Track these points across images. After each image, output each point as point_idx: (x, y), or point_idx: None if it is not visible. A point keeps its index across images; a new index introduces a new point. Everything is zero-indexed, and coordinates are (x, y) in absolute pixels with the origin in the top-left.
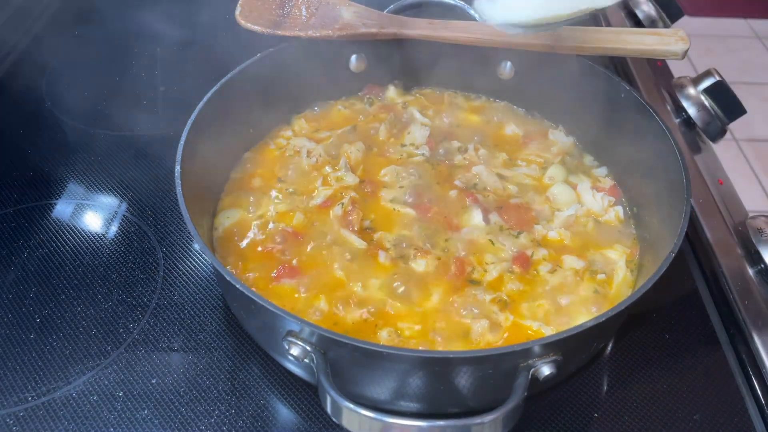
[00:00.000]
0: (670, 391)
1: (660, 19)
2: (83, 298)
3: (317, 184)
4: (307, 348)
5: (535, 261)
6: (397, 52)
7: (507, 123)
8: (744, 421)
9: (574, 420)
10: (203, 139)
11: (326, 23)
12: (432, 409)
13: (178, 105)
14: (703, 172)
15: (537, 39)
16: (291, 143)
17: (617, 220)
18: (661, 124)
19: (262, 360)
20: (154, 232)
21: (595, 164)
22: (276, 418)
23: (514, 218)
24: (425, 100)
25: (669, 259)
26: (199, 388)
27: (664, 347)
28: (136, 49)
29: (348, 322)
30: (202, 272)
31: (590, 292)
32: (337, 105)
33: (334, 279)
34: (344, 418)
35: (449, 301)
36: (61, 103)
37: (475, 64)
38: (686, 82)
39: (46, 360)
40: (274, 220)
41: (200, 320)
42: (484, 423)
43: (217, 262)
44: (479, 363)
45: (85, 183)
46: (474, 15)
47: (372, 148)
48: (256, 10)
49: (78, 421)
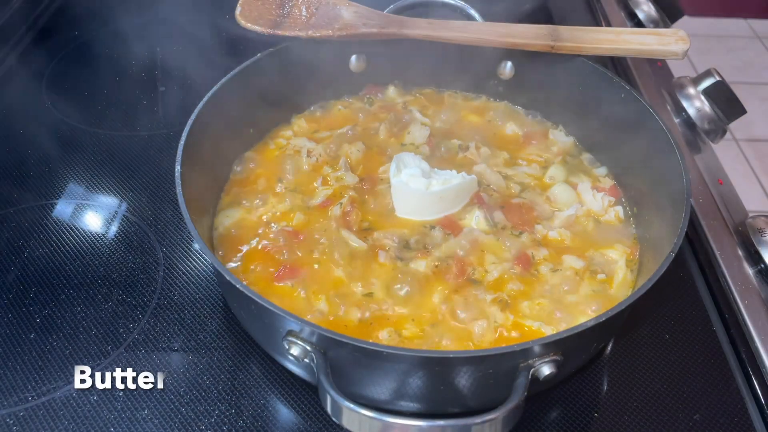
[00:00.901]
0: (670, 391)
1: (660, 19)
2: (83, 298)
3: (317, 184)
4: (307, 348)
5: (535, 261)
6: (397, 52)
7: (507, 123)
8: (744, 421)
9: (574, 420)
10: (203, 139)
11: (326, 23)
12: (432, 408)
13: (178, 105)
14: (703, 172)
15: (537, 39)
16: (291, 143)
17: (617, 220)
18: (661, 124)
19: (262, 360)
20: (154, 232)
21: (595, 164)
22: (276, 418)
23: (516, 218)
24: (425, 100)
25: (669, 259)
26: (199, 388)
27: (664, 347)
28: (136, 49)
29: (348, 322)
30: (202, 272)
31: (590, 292)
32: (337, 105)
33: (334, 279)
34: (344, 418)
35: (449, 301)
36: (61, 103)
37: (475, 64)
38: (686, 82)
39: (46, 360)
40: (274, 219)
41: (200, 320)
42: (484, 423)
43: (217, 262)
44: (479, 363)
45: (85, 183)
46: (474, 15)
47: (372, 148)
48: (256, 10)
49: (78, 421)
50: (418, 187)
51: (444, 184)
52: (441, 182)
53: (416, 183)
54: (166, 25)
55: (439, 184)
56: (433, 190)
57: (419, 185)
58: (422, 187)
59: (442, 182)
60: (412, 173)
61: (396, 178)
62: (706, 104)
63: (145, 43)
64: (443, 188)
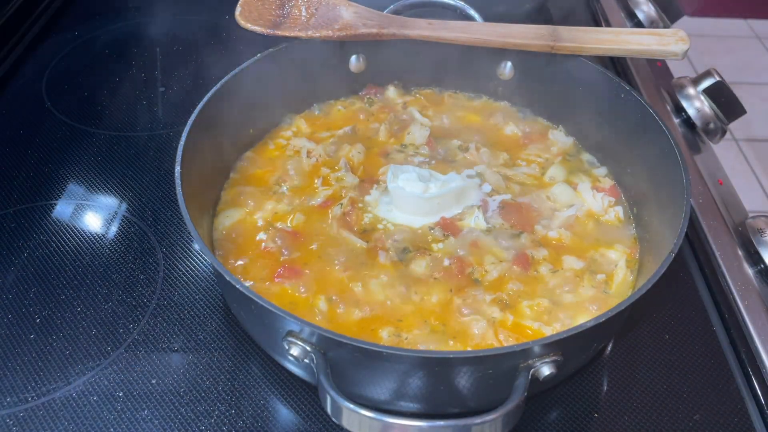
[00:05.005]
0: (670, 391)
1: (660, 19)
2: (83, 299)
3: (317, 184)
4: (307, 348)
5: (535, 261)
6: (397, 52)
7: (507, 123)
8: (744, 421)
9: (574, 420)
10: (203, 139)
11: (326, 23)
12: (432, 409)
13: (178, 105)
14: (703, 172)
15: (537, 39)
16: (291, 143)
17: (617, 220)
18: (661, 124)
19: (262, 360)
20: (154, 232)
21: (595, 164)
22: (276, 418)
23: (515, 218)
24: (425, 100)
25: (669, 259)
26: (199, 388)
27: (664, 347)
28: (136, 49)
29: (348, 322)
30: (202, 272)
31: (590, 292)
32: (337, 105)
33: (334, 279)
34: (344, 418)
35: (449, 301)
36: (61, 103)
37: (475, 64)
38: (686, 82)
39: (46, 360)
40: (274, 220)
41: (200, 320)
42: (484, 423)
43: (217, 262)
44: (479, 363)
45: (85, 183)
46: (474, 15)
47: (372, 149)
48: (256, 10)
49: (78, 422)
50: (415, 191)
51: (442, 187)
52: (439, 185)
53: (413, 187)
54: (166, 25)
55: (437, 187)
56: (431, 193)
57: (416, 189)
58: (419, 191)
59: (441, 185)
60: (409, 178)
61: (393, 184)
62: (706, 104)
63: (145, 43)
64: (441, 191)
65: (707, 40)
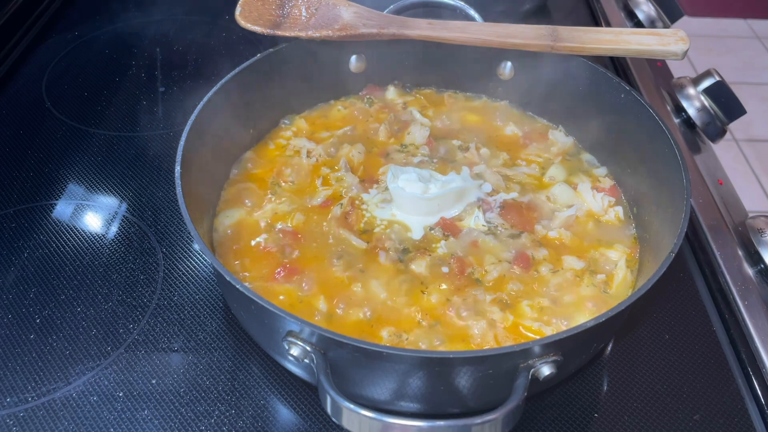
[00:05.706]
0: (670, 391)
1: (660, 19)
2: (83, 299)
3: (317, 184)
4: (307, 348)
5: (535, 261)
6: (397, 52)
7: (507, 123)
8: (744, 421)
9: (574, 420)
10: (203, 139)
11: (326, 23)
12: (432, 409)
13: (178, 105)
14: (703, 172)
15: (537, 39)
16: (291, 143)
17: (617, 220)
18: (661, 124)
19: (262, 360)
20: (154, 232)
21: (595, 164)
22: (276, 418)
23: (515, 218)
24: (425, 100)
25: (669, 259)
26: (199, 388)
27: (664, 347)
28: (136, 49)
29: (348, 322)
30: (202, 272)
31: (590, 292)
32: (337, 105)
33: (334, 279)
34: (344, 418)
35: (449, 301)
36: (61, 103)
37: (475, 64)
38: (686, 82)
39: (46, 360)
40: (274, 220)
41: (200, 320)
42: (484, 423)
43: (217, 262)
44: (479, 363)
45: (85, 183)
46: (474, 15)
47: (372, 149)
48: (256, 10)
49: (78, 422)
50: (415, 191)
51: (442, 188)
52: (439, 186)
53: (413, 188)
54: (166, 25)
55: (437, 187)
56: (431, 194)
57: (416, 190)
58: (419, 192)
59: (441, 185)
60: (409, 178)
61: (393, 184)
62: (706, 104)
63: (145, 43)
64: (441, 192)
65: (707, 40)
